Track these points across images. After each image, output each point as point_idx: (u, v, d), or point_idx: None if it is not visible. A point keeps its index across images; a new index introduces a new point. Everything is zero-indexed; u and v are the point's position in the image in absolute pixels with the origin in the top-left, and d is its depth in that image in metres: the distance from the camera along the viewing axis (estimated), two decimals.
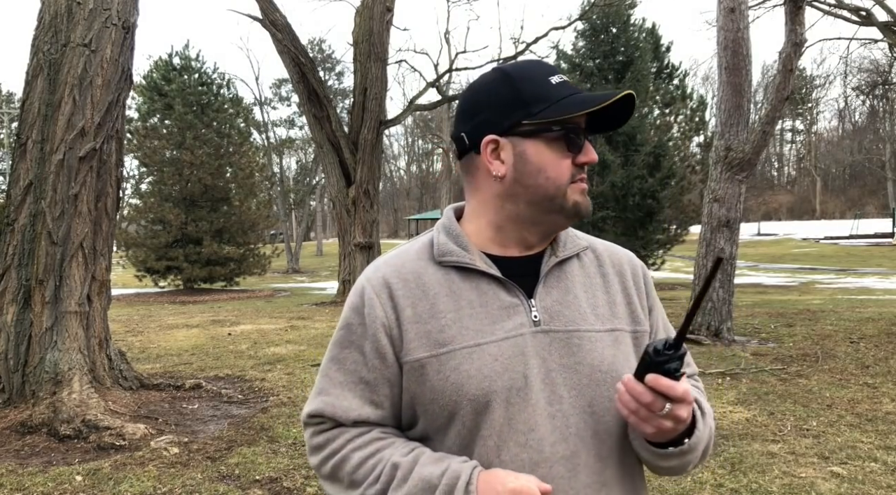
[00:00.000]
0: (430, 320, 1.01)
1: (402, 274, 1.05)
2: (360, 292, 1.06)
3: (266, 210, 24.41)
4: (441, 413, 0.99)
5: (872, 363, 6.66)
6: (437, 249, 1.06)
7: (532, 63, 1.07)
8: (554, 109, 1.00)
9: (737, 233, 8.48)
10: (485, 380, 0.97)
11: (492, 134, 1.03)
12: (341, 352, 1.06)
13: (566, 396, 1.00)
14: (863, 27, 14.62)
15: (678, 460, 1.00)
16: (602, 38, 20.37)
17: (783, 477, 3.75)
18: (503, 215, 1.06)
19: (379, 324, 1.02)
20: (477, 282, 1.03)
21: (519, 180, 1.03)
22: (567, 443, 0.98)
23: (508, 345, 0.99)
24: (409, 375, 1.01)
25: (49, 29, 5.31)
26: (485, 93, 1.05)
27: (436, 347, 1.00)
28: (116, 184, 5.67)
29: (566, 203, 1.03)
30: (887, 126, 54.90)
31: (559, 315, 1.03)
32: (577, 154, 1.03)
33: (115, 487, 3.78)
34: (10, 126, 38.03)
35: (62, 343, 5.12)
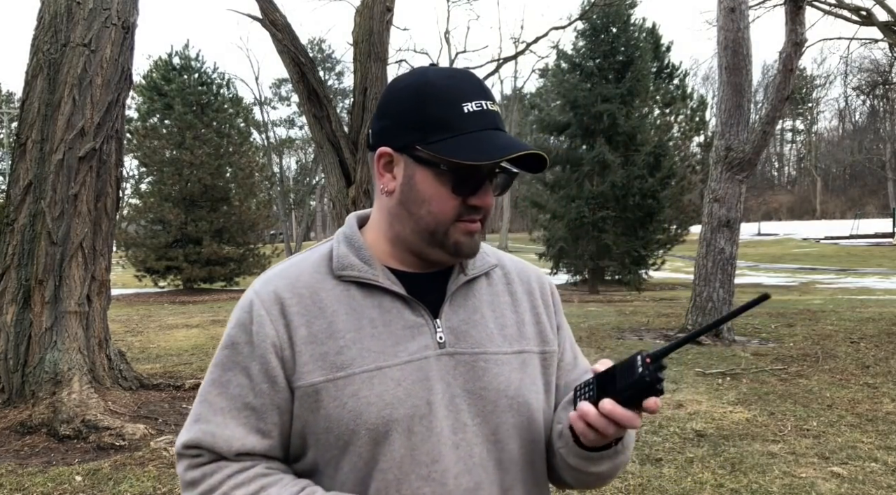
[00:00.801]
0: (326, 341, 0.92)
1: (296, 288, 0.95)
2: (247, 307, 0.96)
3: (266, 210, 24.44)
4: (335, 443, 0.91)
5: (873, 363, 6.66)
6: (336, 262, 0.97)
7: (456, 79, 0.95)
8: (443, 145, 0.90)
9: (737, 233, 8.47)
10: (386, 408, 0.90)
11: (388, 146, 0.95)
12: (224, 375, 0.95)
13: (470, 424, 0.93)
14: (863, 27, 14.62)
15: (611, 462, 0.95)
16: (602, 37, 20.37)
17: (783, 477, 3.75)
18: (393, 233, 0.99)
19: (269, 343, 0.92)
20: (380, 300, 0.95)
21: (404, 204, 0.95)
22: (471, 475, 0.92)
23: (412, 368, 0.92)
24: (301, 401, 0.91)
25: (49, 29, 5.31)
26: (394, 99, 0.96)
27: (333, 371, 0.91)
28: (116, 184, 5.67)
29: (447, 241, 0.94)
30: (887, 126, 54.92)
31: (465, 336, 0.97)
32: (469, 195, 0.93)
33: (114, 487, 3.78)
34: (9, 126, 38.04)
35: (62, 343, 5.12)
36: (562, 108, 20.94)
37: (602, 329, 9.23)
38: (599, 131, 19.54)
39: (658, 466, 3.95)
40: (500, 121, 0.95)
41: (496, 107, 0.95)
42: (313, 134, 10.03)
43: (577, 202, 19.32)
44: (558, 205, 20.02)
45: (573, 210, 19.26)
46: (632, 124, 19.42)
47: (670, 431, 4.60)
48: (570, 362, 1.09)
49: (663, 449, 4.26)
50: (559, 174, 20.86)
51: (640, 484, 3.68)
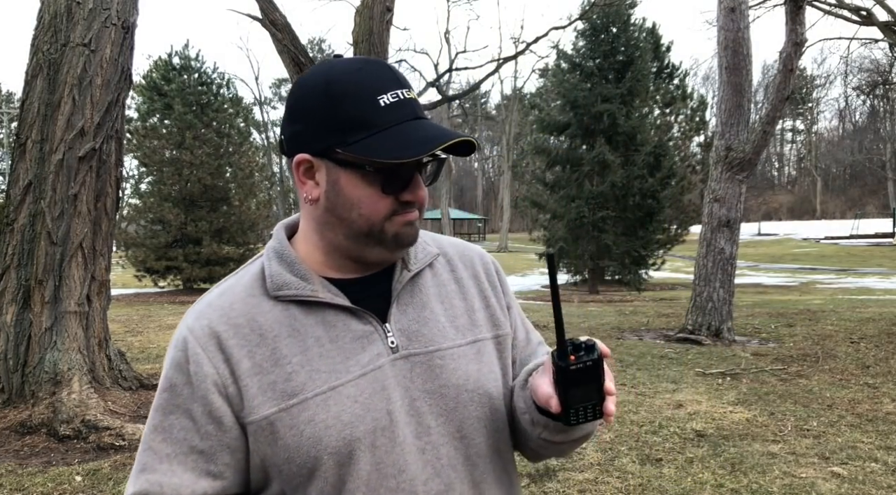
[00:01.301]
0: (273, 369, 0.87)
1: (230, 318, 0.90)
2: (181, 345, 0.90)
3: (266, 210, 24.41)
4: (299, 472, 0.86)
5: (873, 363, 6.66)
6: (270, 282, 0.92)
7: (362, 73, 0.88)
8: (369, 145, 0.85)
9: (737, 233, 8.47)
10: (346, 428, 0.86)
11: (305, 153, 0.89)
12: (166, 419, 0.89)
13: (434, 425, 0.91)
14: (863, 27, 14.61)
15: (581, 431, 0.94)
16: (602, 37, 20.38)
17: (783, 477, 3.75)
18: (326, 242, 0.93)
19: (209, 382, 0.87)
20: (322, 315, 0.90)
21: (331, 210, 0.90)
22: (440, 478, 0.90)
23: (367, 381, 0.89)
24: (256, 436, 0.87)
25: (48, 29, 5.31)
26: (304, 101, 0.90)
27: (284, 399, 0.86)
28: (116, 184, 5.67)
29: (385, 236, 0.90)
30: (888, 126, 54.91)
31: (418, 335, 0.93)
32: (400, 191, 0.89)
33: (114, 487, 3.78)
34: (9, 126, 38.03)
35: (62, 343, 5.11)
36: (562, 108, 20.95)
37: (602, 329, 9.23)
38: (599, 131, 19.54)
39: (658, 466, 3.95)
40: (419, 107, 0.91)
41: (412, 93, 0.90)
42: None
43: (577, 202, 19.32)
44: (558, 205, 20.02)
45: (573, 210, 19.26)
46: (632, 124, 19.43)
47: (670, 431, 4.60)
48: (523, 339, 1.07)
49: (663, 449, 4.26)
50: (559, 174, 20.86)
51: (640, 484, 3.68)
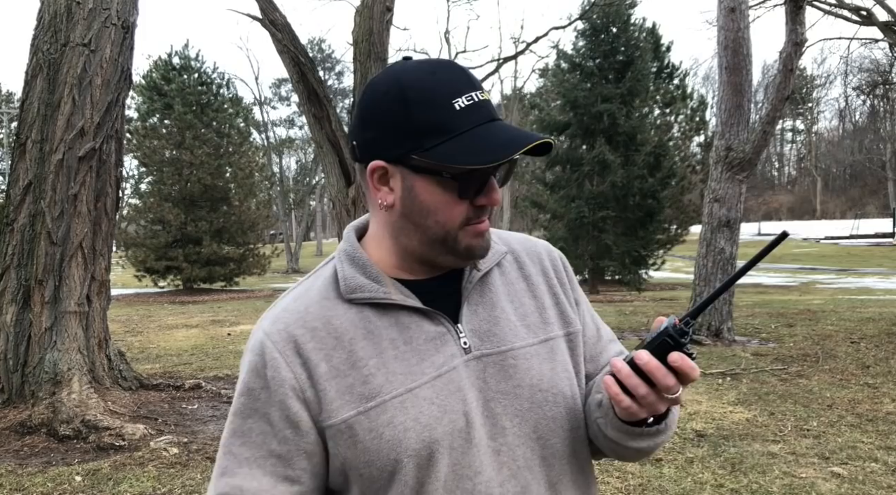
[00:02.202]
0: (350, 372, 0.88)
1: (306, 322, 0.90)
2: (258, 350, 0.90)
3: (266, 210, 24.44)
4: (379, 475, 0.87)
5: (873, 363, 6.66)
6: (344, 285, 0.92)
7: (437, 76, 0.87)
8: (448, 151, 0.84)
9: (737, 233, 8.48)
10: (424, 430, 0.86)
11: (380, 159, 0.89)
12: (244, 423, 0.90)
13: (509, 426, 0.91)
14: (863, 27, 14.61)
15: (651, 440, 0.90)
16: (602, 37, 20.36)
17: (784, 477, 3.75)
18: (400, 247, 0.93)
19: (287, 387, 0.87)
20: (396, 317, 0.91)
21: (407, 216, 0.90)
22: (517, 479, 0.90)
23: (442, 382, 0.89)
24: (336, 440, 0.87)
25: (48, 29, 5.31)
26: (377, 107, 0.89)
27: (362, 402, 0.86)
28: (116, 184, 5.66)
29: (457, 246, 0.90)
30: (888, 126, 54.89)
31: (489, 335, 0.93)
32: (477, 196, 0.88)
33: (114, 487, 3.78)
34: (9, 126, 38.03)
35: (62, 343, 5.11)
36: (562, 108, 20.94)
37: None
38: (599, 131, 19.54)
39: (658, 466, 3.95)
40: (494, 109, 0.90)
41: (486, 95, 0.89)
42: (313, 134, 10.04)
43: (577, 202, 19.32)
44: (558, 205, 20.02)
45: (573, 210, 19.26)
46: (632, 124, 19.42)
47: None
48: (593, 335, 1.06)
49: (663, 449, 4.25)
50: (559, 174, 20.86)
51: (640, 484, 3.68)
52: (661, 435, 0.91)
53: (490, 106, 0.89)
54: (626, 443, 0.91)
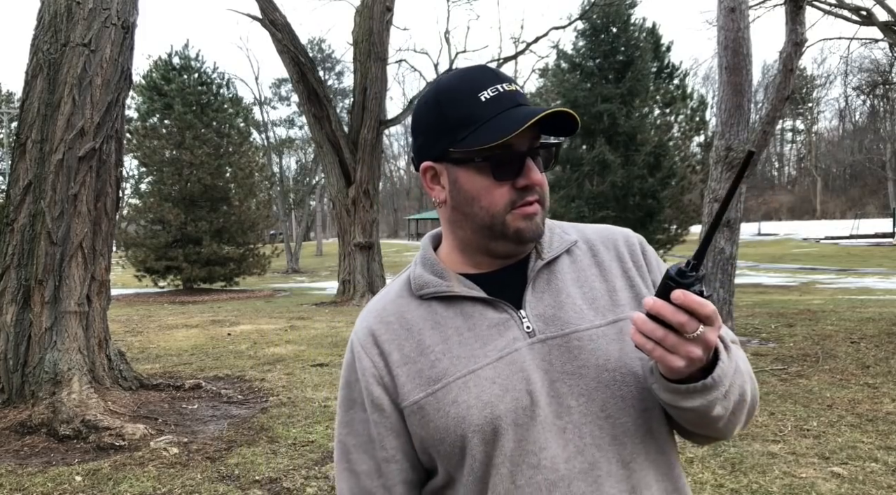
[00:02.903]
0: (419, 358, 0.97)
1: (383, 317, 1.02)
2: (350, 347, 1.04)
3: (266, 210, 24.44)
4: (452, 451, 0.95)
5: (873, 363, 6.66)
6: (413, 284, 1.03)
7: (465, 77, 0.97)
8: (476, 136, 0.93)
9: (737, 232, 8.47)
10: (486, 407, 0.92)
11: (427, 160, 1.00)
12: (346, 414, 1.04)
13: (575, 405, 0.94)
14: (863, 27, 14.61)
15: (703, 397, 0.87)
16: (602, 37, 20.37)
17: (784, 477, 3.75)
18: (458, 240, 1.02)
19: (369, 374, 0.99)
20: (460, 307, 0.99)
21: (457, 208, 0.99)
22: (583, 456, 0.92)
23: (504, 364, 0.94)
24: (411, 420, 0.97)
25: (49, 29, 5.31)
26: (419, 115, 1.01)
27: (430, 385, 0.95)
28: (116, 184, 5.66)
29: (507, 231, 0.96)
30: (888, 126, 54.89)
31: (554, 319, 0.97)
32: (516, 178, 0.95)
33: (114, 487, 3.78)
34: (9, 126, 38.03)
35: (62, 343, 5.11)
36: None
37: None
38: (599, 131, 19.54)
39: None
40: (522, 97, 0.97)
41: (513, 86, 0.96)
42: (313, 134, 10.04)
43: (577, 202, 19.32)
44: (558, 205, 20.02)
45: (573, 210, 19.26)
46: (632, 124, 19.43)
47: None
48: None
49: None
50: (559, 174, 20.85)
51: None
52: (713, 391, 0.87)
53: (516, 94, 0.96)
54: (680, 404, 0.89)
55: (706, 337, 0.81)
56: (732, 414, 0.93)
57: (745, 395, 0.94)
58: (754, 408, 1.00)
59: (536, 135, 0.97)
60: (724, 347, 0.90)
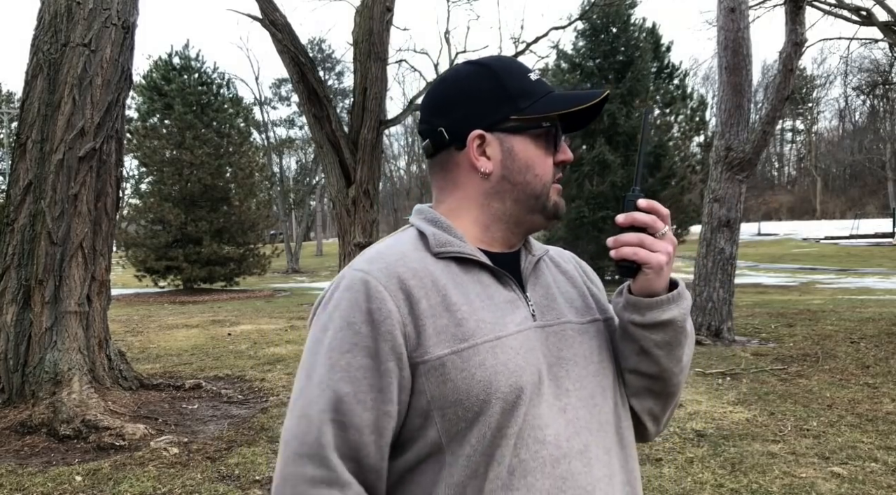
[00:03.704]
0: (444, 313, 0.92)
1: (406, 262, 0.95)
2: (357, 286, 0.91)
3: (266, 210, 24.42)
4: (464, 415, 0.89)
5: (873, 363, 6.66)
6: (433, 240, 0.98)
7: (508, 58, 1.06)
8: (541, 105, 0.99)
9: (737, 233, 8.47)
10: (512, 375, 0.91)
11: (478, 129, 0.99)
12: (342, 358, 0.89)
13: (572, 389, 0.97)
14: (863, 27, 14.60)
15: (678, 306, 0.99)
16: (602, 37, 20.38)
17: (783, 477, 3.75)
18: (489, 213, 1.02)
19: (394, 319, 0.90)
20: (478, 275, 0.98)
21: (507, 177, 1.00)
22: (580, 437, 0.96)
23: (522, 338, 0.96)
24: (427, 376, 0.90)
25: (49, 29, 5.31)
26: (465, 86, 1.01)
27: (456, 342, 0.91)
28: (116, 184, 5.67)
29: (548, 202, 1.02)
30: (888, 126, 54.87)
31: (548, 309, 1.02)
32: (556, 153, 1.03)
33: (114, 487, 3.78)
34: (9, 126, 38.03)
35: (62, 343, 5.11)
36: None
37: None
38: (599, 131, 19.54)
39: (658, 466, 3.95)
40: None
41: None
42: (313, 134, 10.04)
43: (577, 202, 19.32)
44: None
45: (573, 210, 19.26)
46: (632, 124, 19.43)
47: (670, 431, 4.60)
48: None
49: (663, 449, 4.26)
50: None
51: None
52: (683, 299, 0.99)
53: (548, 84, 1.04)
54: (659, 318, 0.98)
55: (670, 235, 0.96)
56: (686, 356, 1.04)
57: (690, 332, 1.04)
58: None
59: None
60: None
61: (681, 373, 1.04)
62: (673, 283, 1.00)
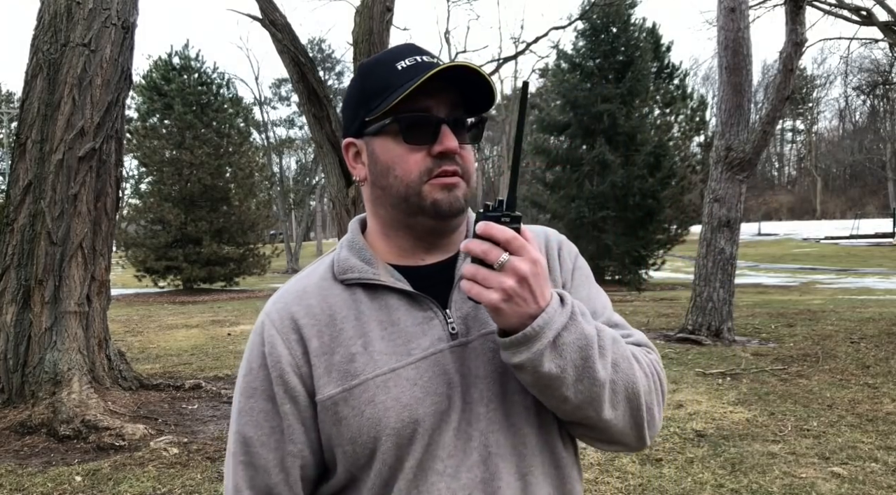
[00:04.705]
0: (337, 350, 0.89)
1: (304, 300, 0.93)
2: (258, 330, 0.94)
3: (266, 210, 24.44)
4: (361, 453, 0.88)
5: (873, 363, 6.65)
6: (337, 267, 0.95)
7: (386, 52, 0.95)
8: (387, 101, 0.89)
9: (737, 233, 8.47)
10: (404, 410, 0.87)
11: (348, 137, 0.97)
12: (247, 402, 0.92)
13: (483, 412, 0.90)
14: (863, 27, 14.61)
15: (526, 351, 0.81)
16: (602, 37, 20.38)
17: (784, 477, 3.75)
18: (381, 221, 0.97)
19: (284, 362, 0.90)
20: (385, 299, 0.92)
21: (375, 182, 0.94)
22: (485, 465, 0.89)
23: (427, 364, 0.89)
24: (322, 415, 0.89)
25: (48, 29, 5.30)
26: (346, 94, 0.99)
27: (347, 380, 0.88)
28: (116, 184, 5.66)
29: (423, 202, 0.90)
30: (888, 126, 54.88)
31: (476, 320, 0.93)
32: (431, 144, 0.89)
33: (114, 487, 3.78)
34: (9, 126, 38.04)
35: (62, 343, 5.11)
36: (562, 108, 20.95)
37: None
38: (599, 131, 19.55)
39: (658, 466, 3.95)
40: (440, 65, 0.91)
41: (434, 58, 0.93)
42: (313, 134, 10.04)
43: (577, 202, 19.32)
44: (558, 205, 20.02)
45: (573, 210, 19.26)
46: (632, 124, 19.43)
47: (670, 431, 4.60)
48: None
49: (663, 449, 4.26)
50: (559, 174, 20.86)
51: (640, 484, 3.68)
52: (535, 341, 0.81)
53: (436, 65, 0.90)
54: (510, 362, 0.84)
55: (514, 265, 0.79)
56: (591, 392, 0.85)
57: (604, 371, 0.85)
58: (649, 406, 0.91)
59: (457, 104, 0.92)
60: (569, 305, 0.84)
61: (589, 408, 0.86)
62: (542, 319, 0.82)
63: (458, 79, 0.89)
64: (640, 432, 0.92)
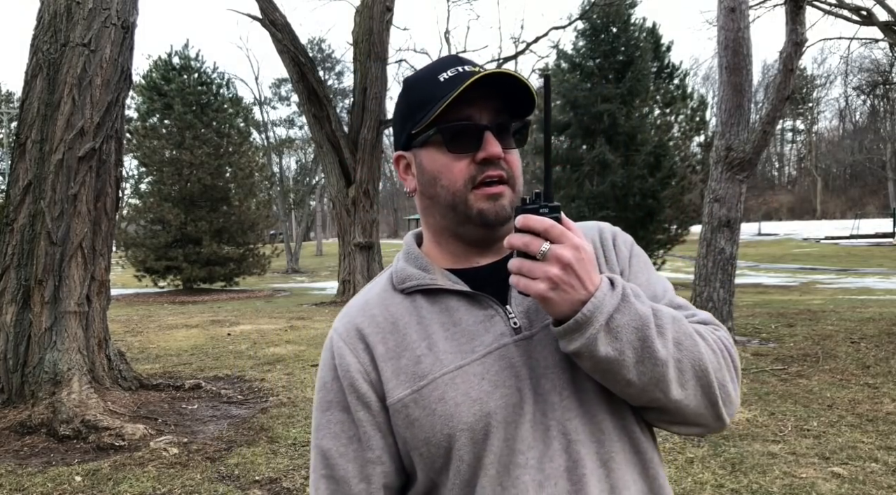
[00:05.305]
0: (403, 354, 0.93)
1: (367, 311, 0.98)
2: (328, 346, 0.99)
3: (266, 210, 24.44)
4: (437, 453, 0.90)
5: (873, 363, 6.65)
6: (395, 277, 1.00)
7: (428, 66, 0.99)
8: (431, 111, 0.91)
9: (737, 233, 8.47)
10: (475, 404, 0.88)
11: (398, 150, 1.01)
12: (323, 416, 0.97)
13: (558, 401, 0.91)
14: (863, 27, 14.61)
15: (580, 338, 0.82)
16: (602, 37, 20.36)
17: (784, 477, 3.75)
18: (432, 229, 1.01)
19: (354, 370, 0.94)
20: (445, 302, 0.95)
21: (424, 193, 0.98)
22: (567, 454, 0.89)
23: (493, 359, 0.91)
24: (395, 419, 0.92)
25: (48, 29, 5.30)
26: (394, 109, 1.03)
27: (415, 381, 0.91)
28: (116, 184, 5.66)
29: (470, 212, 0.93)
30: (888, 126, 54.86)
31: (538, 312, 0.94)
32: (475, 152, 0.92)
33: (114, 488, 3.78)
34: (9, 126, 38.03)
35: (61, 343, 5.11)
36: (562, 108, 20.93)
37: None
38: (599, 131, 19.54)
39: None
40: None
41: (477, 68, 0.94)
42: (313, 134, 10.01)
43: (577, 202, 19.32)
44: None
45: (573, 210, 19.24)
46: (632, 124, 19.42)
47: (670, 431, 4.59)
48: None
49: (663, 449, 4.25)
50: (559, 174, 20.84)
51: None
52: (582, 332, 0.82)
53: (477, 74, 0.90)
54: (567, 349, 0.85)
55: (556, 253, 0.80)
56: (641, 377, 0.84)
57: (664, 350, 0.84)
58: (722, 382, 0.90)
59: (500, 110, 0.94)
60: (619, 287, 0.84)
61: (656, 389, 0.86)
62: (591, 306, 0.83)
63: (498, 85, 0.91)
64: (716, 411, 0.91)
